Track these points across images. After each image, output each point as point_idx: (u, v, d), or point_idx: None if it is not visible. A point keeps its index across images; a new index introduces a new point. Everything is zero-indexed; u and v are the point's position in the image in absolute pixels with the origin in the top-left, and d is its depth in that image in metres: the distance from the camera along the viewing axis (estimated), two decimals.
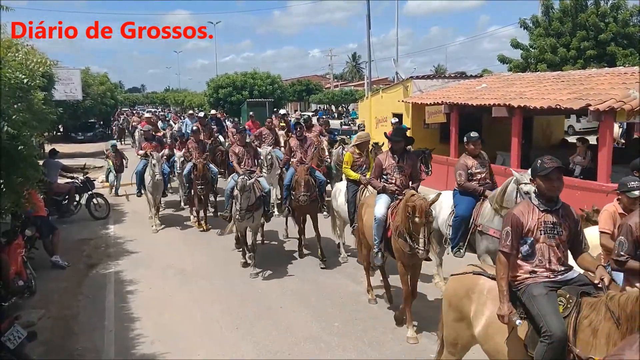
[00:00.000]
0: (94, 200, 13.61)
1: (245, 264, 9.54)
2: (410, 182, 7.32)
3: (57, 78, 13.63)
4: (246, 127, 18.28)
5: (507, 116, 12.98)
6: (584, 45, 23.63)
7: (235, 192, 8.57)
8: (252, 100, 32.59)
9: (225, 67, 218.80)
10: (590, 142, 13.17)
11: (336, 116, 56.86)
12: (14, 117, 5.32)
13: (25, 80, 5.74)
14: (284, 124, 17.74)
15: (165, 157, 12.96)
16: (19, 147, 5.43)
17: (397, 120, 16.03)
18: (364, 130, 15.24)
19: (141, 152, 13.48)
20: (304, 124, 12.45)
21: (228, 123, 24.98)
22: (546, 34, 25.17)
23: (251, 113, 20.54)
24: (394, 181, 7.19)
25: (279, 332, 7.00)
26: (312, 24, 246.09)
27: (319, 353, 6.42)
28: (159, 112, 56.36)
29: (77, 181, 13.62)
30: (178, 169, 14.13)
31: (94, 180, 15.16)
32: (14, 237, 8.14)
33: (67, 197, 13.21)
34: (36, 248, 9.84)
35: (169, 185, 13.66)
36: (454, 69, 73.40)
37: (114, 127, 37.27)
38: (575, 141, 14.29)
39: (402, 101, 18.27)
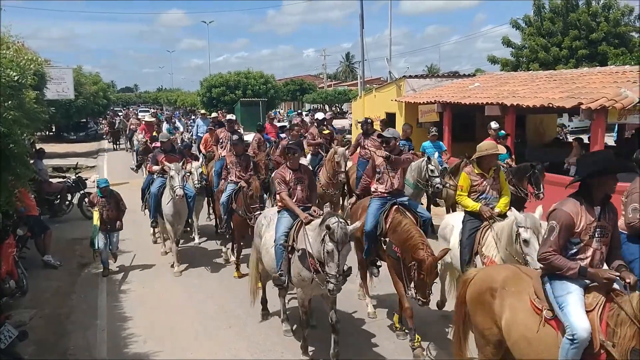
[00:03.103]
0: (86, 199, 13.52)
1: (307, 352, 6.31)
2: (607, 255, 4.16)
3: (49, 77, 13.50)
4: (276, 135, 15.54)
5: (500, 115, 13.02)
6: (575, 45, 23.80)
7: (328, 245, 5.31)
8: (245, 100, 32.57)
9: (219, 67, 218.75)
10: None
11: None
12: (4, 115, 5.29)
13: (16, 78, 5.71)
14: (328, 133, 12.95)
15: (187, 170, 10.13)
16: (10, 146, 5.40)
17: (497, 125, 11.08)
18: (434, 133, 11.79)
19: (156, 167, 10.19)
20: (365, 127, 10.84)
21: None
22: (538, 34, 25.35)
23: (271, 113, 17.95)
24: (589, 255, 4.04)
25: (272, 331, 6.99)
26: (308, 23, 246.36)
27: (313, 351, 6.41)
28: (165, 112, 45.30)
29: (69, 181, 13.58)
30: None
31: (86, 179, 15.09)
32: (6, 237, 8.07)
33: (59, 196, 13.16)
34: (27, 248, 9.79)
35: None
36: (448, 69, 73.87)
37: (106, 128, 35.80)
38: (571, 140, 14.38)
39: (395, 100, 18.29)
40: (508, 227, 5.59)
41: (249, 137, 15.28)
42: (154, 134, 15.99)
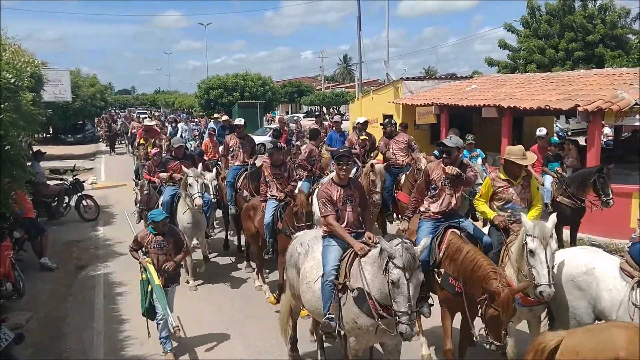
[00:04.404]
0: (84, 202, 13.53)
1: None
2: None
3: (46, 79, 13.47)
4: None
5: (497, 117, 13.06)
6: (572, 47, 23.87)
7: (392, 274, 4.28)
8: (243, 102, 32.60)
9: (217, 69, 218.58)
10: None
11: (327, 117, 56.81)
12: (1, 116, 5.28)
13: (12, 80, 5.71)
14: (365, 139, 11.07)
15: (204, 177, 8.96)
16: (6, 147, 5.40)
17: (544, 131, 10.25)
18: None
19: (163, 175, 9.48)
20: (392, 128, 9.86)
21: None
22: (534, 36, 25.45)
23: (283, 117, 15.86)
24: None
25: (270, 332, 6.97)
26: (305, 25, 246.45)
27: (310, 353, 6.41)
28: (167, 115, 41.85)
29: (66, 183, 13.57)
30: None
31: (84, 182, 15.08)
32: (2, 239, 8.07)
33: (56, 198, 13.15)
34: (24, 250, 9.79)
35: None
36: (446, 71, 73.84)
37: (102, 131, 34.26)
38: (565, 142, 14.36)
39: (393, 102, 18.32)
40: (520, 237, 5.07)
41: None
42: (154, 140, 15.22)
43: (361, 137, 10.99)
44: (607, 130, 22.60)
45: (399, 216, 9.29)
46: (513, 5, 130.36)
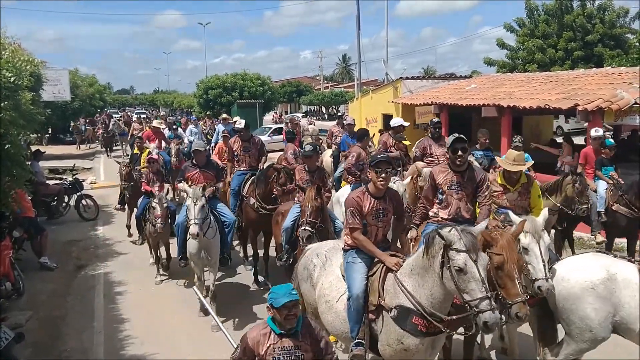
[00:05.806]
0: (83, 201, 13.51)
1: None
2: None
3: (45, 79, 13.42)
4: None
5: (496, 116, 13.07)
6: (571, 47, 23.90)
7: (456, 260, 3.80)
8: (242, 102, 32.56)
9: (216, 69, 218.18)
10: (576, 143, 13.25)
11: (326, 117, 56.88)
12: (0, 115, 5.28)
13: (12, 79, 5.70)
14: (408, 144, 10.26)
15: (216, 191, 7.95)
16: (6, 146, 5.40)
17: (599, 132, 9.42)
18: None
19: (181, 185, 7.83)
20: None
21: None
22: (532, 35, 25.50)
23: (293, 117, 14.60)
24: None
25: None
26: (305, 25, 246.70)
27: None
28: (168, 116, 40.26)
29: (65, 182, 13.56)
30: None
31: (83, 181, 15.06)
32: (2, 238, 8.06)
33: (56, 198, 13.14)
34: (24, 249, 9.78)
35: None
36: (445, 70, 73.78)
37: (98, 132, 31.97)
38: (561, 141, 14.38)
39: (392, 102, 18.32)
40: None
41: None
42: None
43: (404, 142, 10.03)
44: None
45: None
46: (512, 5, 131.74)
